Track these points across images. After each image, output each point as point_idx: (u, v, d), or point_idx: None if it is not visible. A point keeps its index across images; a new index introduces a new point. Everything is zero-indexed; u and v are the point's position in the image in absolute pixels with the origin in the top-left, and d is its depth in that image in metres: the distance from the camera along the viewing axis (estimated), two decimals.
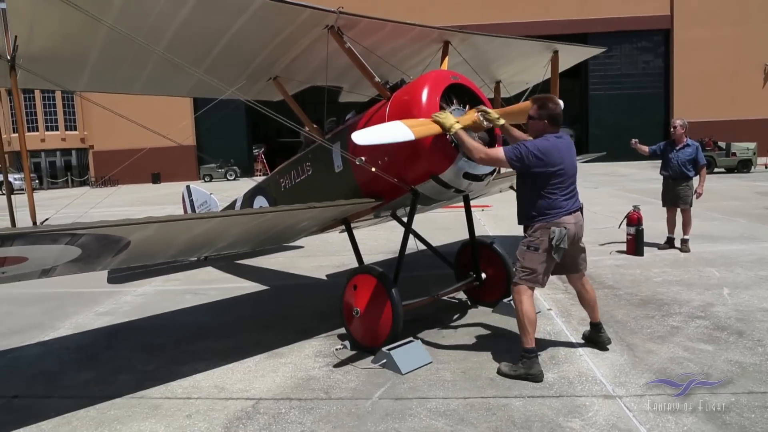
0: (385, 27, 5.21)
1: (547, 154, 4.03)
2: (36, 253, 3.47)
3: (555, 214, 4.07)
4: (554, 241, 4.03)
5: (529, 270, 4.14)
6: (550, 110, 4.17)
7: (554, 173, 4.05)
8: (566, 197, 4.11)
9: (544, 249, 4.08)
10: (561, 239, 4.04)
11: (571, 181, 4.17)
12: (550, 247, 4.06)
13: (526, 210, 4.20)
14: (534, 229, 4.14)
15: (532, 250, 4.12)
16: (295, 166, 6.01)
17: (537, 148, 4.03)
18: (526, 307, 4.11)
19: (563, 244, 4.06)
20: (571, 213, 4.13)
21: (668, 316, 5.32)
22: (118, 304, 6.91)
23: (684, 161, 8.13)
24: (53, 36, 4.30)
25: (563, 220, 4.08)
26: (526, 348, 4.07)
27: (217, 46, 4.95)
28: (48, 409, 3.94)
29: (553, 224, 4.05)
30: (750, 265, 7.11)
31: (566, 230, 4.07)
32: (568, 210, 4.11)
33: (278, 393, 4.05)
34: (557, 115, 4.19)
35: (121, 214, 3.97)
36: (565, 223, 4.08)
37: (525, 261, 4.16)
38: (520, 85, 8.12)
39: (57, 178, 43.61)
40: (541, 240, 4.09)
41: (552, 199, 4.07)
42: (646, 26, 37.53)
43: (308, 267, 8.57)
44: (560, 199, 4.08)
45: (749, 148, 23.95)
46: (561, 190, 4.09)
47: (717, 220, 10.88)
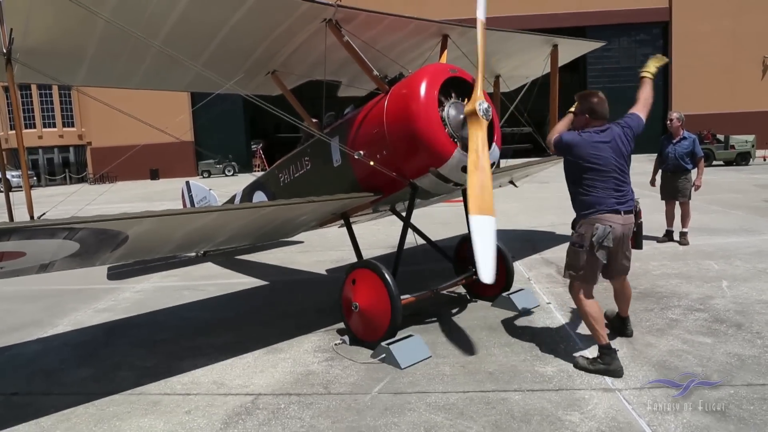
0: (384, 20, 5.19)
1: (573, 146, 3.99)
2: (34, 248, 3.46)
3: (597, 211, 3.95)
4: (595, 239, 3.91)
5: (573, 267, 4.09)
6: (591, 104, 4.12)
7: (587, 167, 3.96)
8: (610, 194, 3.96)
9: (587, 246, 3.98)
10: (604, 237, 3.91)
11: (615, 178, 3.99)
12: (592, 245, 3.95)
13: (573, 205, 4.16)
14: (579, 225, 4.08)
15: (576, 247, 4.06)
16: (294, 161, 5.99)
17: (563, 138, 4.08)
18: (585, 306, 4.06)
19: (606, 242, 3.92)
20: (618, 212, 3.97)
21: (667, 309, 5.32)
22: (117, 301, 6.90)
23: (681, 154, 8.12)
24: (50, 29, 4.28)
25: (607, 217, 3.94)
26: (602, 345, 3.99)
27: (215, 40, 4.93)
28: (47, 406, 3.94)
29: (597, 221, 3.95)
30: (749, 258, 7.11)
31: (611, 228, 3.93)
32: (613, 208, 3.96)
33: (277, 388, 4.04)
34: (599, 109, 4.11)
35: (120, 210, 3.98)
36: (610, 221, 3.94)
37: (569, 258, 4.13)
38: (519, 79, 8.10)
39: (55, 175, 43.52)
40: (585, 237, 4.00)
41: (592, 195, 3.97)
42: (645, 19, 37.44)
43: (307, 262, 8.56)
44: (602, 196, 3.95)
45: (748, 141, 23.92)
46: (601, 186, 3.96)
47: (716, 213, 10.88)
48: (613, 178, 3.99)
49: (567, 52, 7.46)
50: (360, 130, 4.96)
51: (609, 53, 36.98)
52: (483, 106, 4.40)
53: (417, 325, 5.14)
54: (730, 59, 36.24)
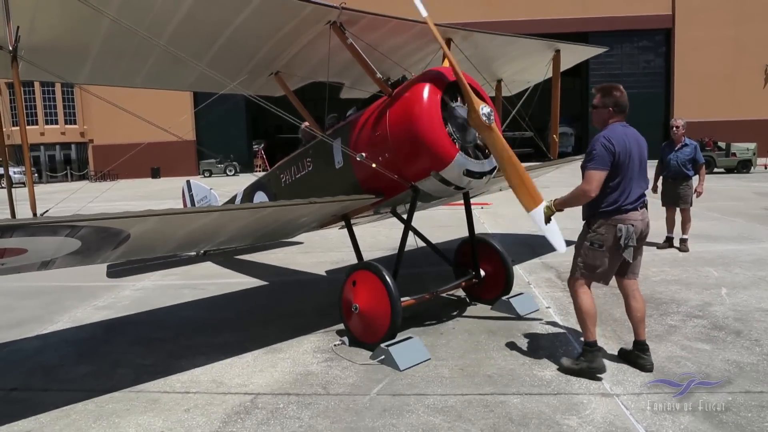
0: (388, 23, 5.20)
1: (617, 143, 3.83)
2: (35, 245, 3.47)
3: (618, 210, 3.86)
4: (623, 240, 3.83)
5: (590, 266, 3.98)
6: (615, 98, 4.00)
7: (621, 164, 3.83)
8: (632, 191, 3.89)
9: (608, 247, 3.90)
10: (629, 237, 3.83)
11: (638, 176, 3.94)
12: (618, 246, 3.86)
13: (590, 203, 3.96)
14: (598, 225, 3.93)
15: (596, 247, 3.93)
16: (296, 161, 6.00)
17: (608, 138, 3.85)
18: (583, 301, 4.01)
19: (631, 242, 3.85)
20: (637, 209, 3.92)
21: (666, 315, 5.32)
22: (117, 299, 6.91)
23: (683, 161, 8.13)
24: (55, 27, 4.29)
25: (629, 216, 3.87)
26: (588, 342, 4.00)
27: (219, 40, 4.94)
28: (46, 402, 3.95)
29: (619, 221, 3.86)
30: (748, 265, 7.12)
31: (633, 227, 3.86)
32: (634, 205, 3.90)
33: (276, 388, 4.05)
34: (622, 103, 4.01)
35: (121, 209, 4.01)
36: (632, 220, 3.87)
37: (588, 257, 3.99)
38: (521, 84, 8.11)
39: (56, 172, 43.56)
40: (605, 237, 3.89)
41: (617, 193, 3.86)
42: (648, 25, 37.54)
43: (307, 263, 8.57)
44: (625, 194, 3.87)
45: (749, 149, 23.96)
46: (626, 183, 3.86)
47: (716, 220, 10.89)
48: (635, 178, 3.93)
49: (569, 58, 7.47)
50: (362, 132, 4.98)
51: (611, 59, 37.07)
52: (485, 110, 4.42)
53: (416, 328, 5.15)
54: (732, 67, 36.32)
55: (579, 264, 4.08)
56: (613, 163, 3.83)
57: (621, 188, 3.87)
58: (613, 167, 3.84)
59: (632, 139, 3.97)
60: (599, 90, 4.10)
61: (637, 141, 4.00)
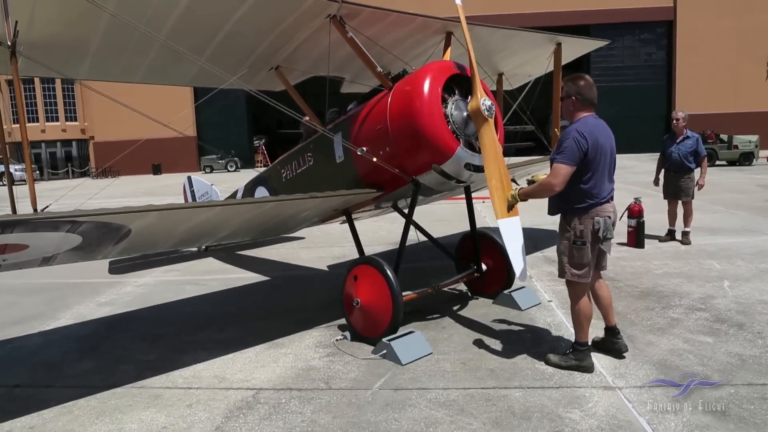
0: (388, 17, 5.18)
1: (589, 137, 3.75)
2: (37, 241, 3.47)
3: (594, 204, 3.82)
4: (601, 233, 3.80)
5: (579, 264, 3.89)
6: (578, 86, 3.91)
7: (592, 159, 3.77)
8: (603, 183, 3.85)
9: (589, 241, 3.84)
10: (607, 229, 3.82)
11: (609, 167, 3.90)
12: (596, 239, 3.83)
13: (561, 198, 3.89)
14: (575, 222, 3.86)
15: (579, 245, 3.86)
16: (296, 156, 6.00)
17: (580, 132, 3.76)
18: (582, 304, 3.98)
19: (609, 233, 3.85)
20: (609, 201, 3.90)
21: (668, 308, 5.32)
22: (119, 295, 6.92)
23: (685, 153, 8.11)
24: (54, 22, 4.28)
25: (604, 208, 3.84)
26: (580, 341, 4.00)
27: (219, 35, 4.92)
28: (49, 399, 3.95)
29: (595, 214, 3.82)
30: (751, 258, 7.10)
31: (609, 219, 3.85)
32: (606, 198, 3.87)
33: (278, 383, 4.05)
34: (586, 93, 3.90)
35: (122, 205, 4.00)
36: (607, 212, 3.86)
37: (572, 257, 3.90)
38: (522, 78, 8.09)
39: (57, 169, 43.59)
40: (585, 232, 3.83)
41: (590, 186, 3.80)
42: (649, 18, 37.34)
43: (309, 258, 8.57)
44: (598, 187, 3.82)
45: (751, 141, 23.85)
46: (598, 176, 3.81)
47: (718, 213, 10.87)
48: (606, 170, 3.89)
49: (570, 51, 7.43)
50: (363, 126, 4.96)
51: (613, 52, 36.92)
52: (486, 103, 4.40)
53: (418, 322, 5.15)
54: (734, 59, 36.15)
55: (567, 265, 3.97)
56: (584, 159, 3.76)
57: (593, 182, 3.81)
58: (585, 162, 3.77)
59: (603, 131, 3.89)
60: (567, 79, 4.02)
61: (607, 134, 3.93)
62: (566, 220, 3.96)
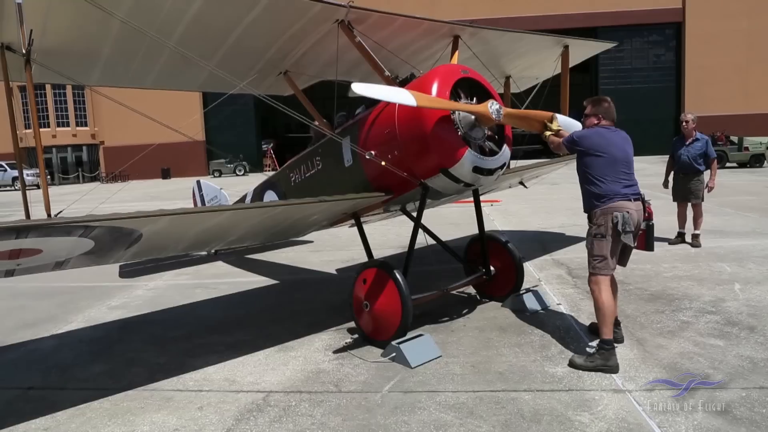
0: (396, 21, 5.21)
1: (585, 138, 4.27)
2: (50, 245, 3.52)
3: (611, 199, 4.15)
4: (619, 226, 4.09)
5: (600, 257, 4.19)
6: (604, 108, 4.41)
7: (597, 158, 4.19)
8: (622, 184, 4.20)
9: (609, 235, 4.14)
10: (626, 223, 4.11)
11: (623, 169, 4.24)
12: (616, 232, 4.12)
13: (585, 198, 4.34)
14: (596, 217, 4.22)
15: (599, 238, 4.19)
16: (305, 160, 6.03)
17: (575, 134, 4.40)
18: (606, 297, 4.15)
19: (629, 227, 4.13)
20: (630, 200, 4.20)
21: (678, 311, 5.29)
22: (130, 298, 6.98)
23: (694, 155, 8.07)
24: (67, 30, 4.34)
25: (622, 204, 4.15)
26: (605, 339, 4.08)
27: (229, 40, 4.97)
28: (62, 401, 4.00)
29: (614, 209, 4.13)
30: (762, 261, 7.05)
31: (629, 214, 4.13)
32: (626, 196, 4.18)
33: (288, 386, 4.08)
34: (611, 113, 4.43)
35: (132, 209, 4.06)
36: (627, 208, 4.15)
37: (595, 250, 4.22)
38: (530, 80, 8.08)
39: (68, 173, 43.96)
40: (605, 226, 4.15)
41: (605, 185, 4.17)
42: (658, 19, 37.16)
43: (318, 261, 8.60)
44: (615, 185, 4.17)
45: (762, 143, 23.66)
46: (613, 177, 4.18)
47: (728, 215, 10.79)
48: (622, 171, 4.24)
49: (578, 53, 7.43)
50: (371, 130, 4.99)
51: (621, 54, 36.78)
52: (494, 106, 4.42)
53: (427, 325, 5.16)
54: (744, 60, 35.88)
55: (592, 260, 4.27)
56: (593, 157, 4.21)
57: (608, 180, 4.19)
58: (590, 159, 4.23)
59: (614, 137, 4.31)
60: (590, 101, 4.51)
61: (621, 139, 4.35)
62: (590, 217, 4.33)
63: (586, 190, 4.31)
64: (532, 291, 5.65)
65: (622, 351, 4.33)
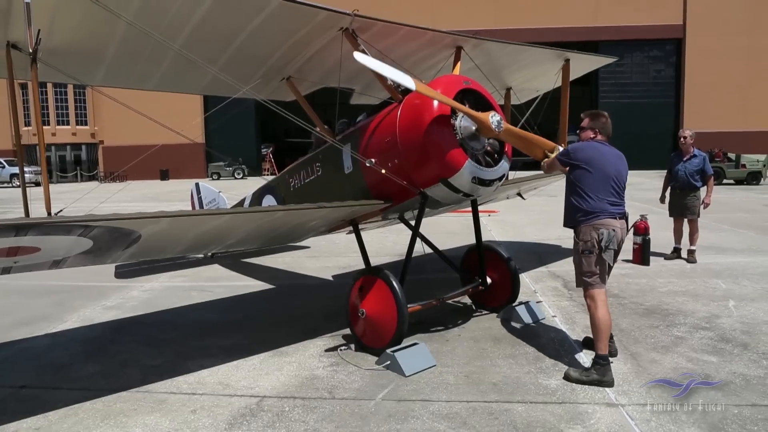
0: (400, 31, 5.25)
1: (579, 151, 4.28)
2: (48, 244, 3.52)
3: (598, 216, 4.15)
4: (603, 242, 4.11)
5: (591, 273, 4.19)
6: (601, 123, 4.42)
7: (590, 172, 4.19)
8: (609, 201, 4.20)
9: (597, 250, 4.15)
10: (610, 240, 4.12)
11: (614, 186, 4.24)
12: (599, 248, 4.13)
13: (569, 212, 4.35)
14: (582, 233, 4.22)
15: (587, 254, 4.19)
16: (305, 166, 6.05)
17: (570, 147, 4.41)
18: (601, 313, 4.14)
19: (612, 245, 4.14)
20: (615, 218, 4.20)
21: (673, 326, 5.31)
22: (125, 299, 6.97)
23: (691, 172, 8.13)
24: (73, 30, 4.36)
25: (608, 222, 4.16)
26: (601, 355, 4.08)
27: (233, 45, 5.00)
28: (55, 400, 3.99)
29: (600, 226, 4.14)
30: (757, 278, 7.08)
31: (614, 232, 4.15)
32: (612, 214, 4.19)
33: (282, 391, 4.08)
34: (608, 128, 4.45)
35: (131, 209, 4.05)
36: (612, 226, 4.16)
37: (585, 266, 4.22)
38: (530, 92, 8.13)
39: (66, 172, 43.89)
40: (591, 242, 4.16)
41: (594, 202, 4.17)
42: (659, 35, 37.38)
43: (314, 267, 8.61)
44: (603, 202, 4.17)
45: (759, 160, 23.79)
46: (602, 193, 4.18)
47: (725, 232, 10.84)
48: (612, 188, 4.23)
49: (579, 67, 7.49)
50: (372, 138, 5.01)
51: (621, 68, 36.95)
52: (495, 117, 4.46)
53: (422, 334, 5.17)
54: (743, 77, 36.08)
55: (580, 276, 4.29)
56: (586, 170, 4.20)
57: (596, 196, 4.18)
58: (580, 172, 4.22)
59: (607, 154, 4.30)
60: (588, 115, 4.53)
61: (614, 157, 4.33)
62: (576, 233, 4.31)
63: (572, 204, 4.30)
64: (528, 303, 5.66)
65: (616, 365, 4.34)
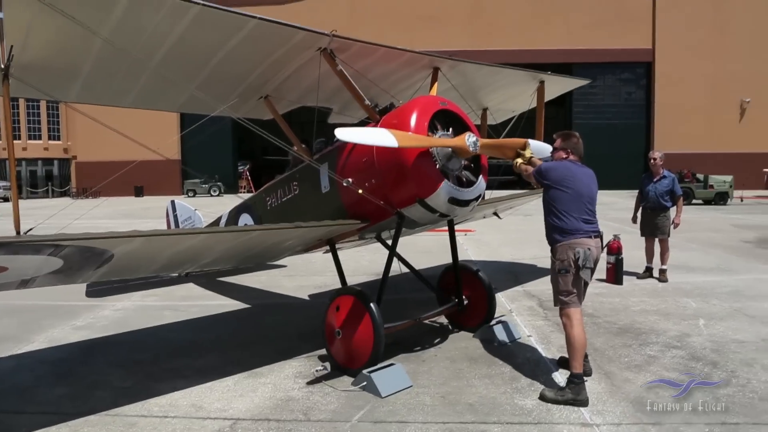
0: (377, 51, 5.31)
1: (552, 171, 4.35)
2: (17, 263, 3.43)
3: (574, 236, 4.23)
4: (580, 261, 4.17)
5: (567, 292, 4.25)
6: (572, 143, 4.52)
7: (564, 192, 4.27)
8: (583, 219, 4.28)
9: (573, 270, 4.21)
10: (586, 259, 4.18)
11: (587, 205, 4.33)
12: (576, 267, 4.19)
13: (548, 231, 4.41)
14: (558, 252, 4.29)
15: (564, 273, 4.25)
16: (282, 185, 6.03)
17: (543, 166, 4.46)
18: (577, 332, 4.19)
19: (588, 264, 4.20)
20: (590, 236, 4.28)
21: (646, 345, 5.39)
22: (96, 319, 6.81)
23: (661, 192, 8.32)
24: (48, 46, 4.31)
25: (583, 241, 4.23)
26: (575, 374, 4.11)
27: (211, 64, 5.00)
28: (19, 425, 3.86)
29: (576, 245, 4.20)
30: (725, 297, 7.24)
31: (589, 251, 4.21)
32: (587, 233, 4.26)
33: (257, 413, 4.01)
34: (579, 148, 4.53)
35: (103, 227, 3.94)
36: (587, 245, 4.23)
37: (561, 285, 4.28)
38: (506, 113, 8.27)
39: (37, 187, 42.99)
40: (567, 262, 4.22)
41: (569, 221, 4.25)
42: (630, 58, 38.41)
43: (291, 286, 8.54)
44: (577, 222, 4.25)
45: (726, 181, 24.48)
46: (576, 212, 4.26)
47: (694, 251, 11.08)
48: (585, 207, 4.33)
49: (553, 88, 7.65)
50: (349, 158, 5.03)
51: (594, 90, 37.75)
52: (471, 139, 4.52)
53: (398, 354, 5.14)
54: (709, 101, 37.20)
55: (557, 295, 4.35)
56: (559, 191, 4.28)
57: (571, 216, 4.26)
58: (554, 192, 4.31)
59: (579, 173, 4.38)
60: (560, 135, 4.62)
61: (586, 176, 4.42)
62: (552, 252, 4.39)
63: (550, 223, 4.39)
64: (504, 322, 5.69)
65: (591, 384, 4.38)
